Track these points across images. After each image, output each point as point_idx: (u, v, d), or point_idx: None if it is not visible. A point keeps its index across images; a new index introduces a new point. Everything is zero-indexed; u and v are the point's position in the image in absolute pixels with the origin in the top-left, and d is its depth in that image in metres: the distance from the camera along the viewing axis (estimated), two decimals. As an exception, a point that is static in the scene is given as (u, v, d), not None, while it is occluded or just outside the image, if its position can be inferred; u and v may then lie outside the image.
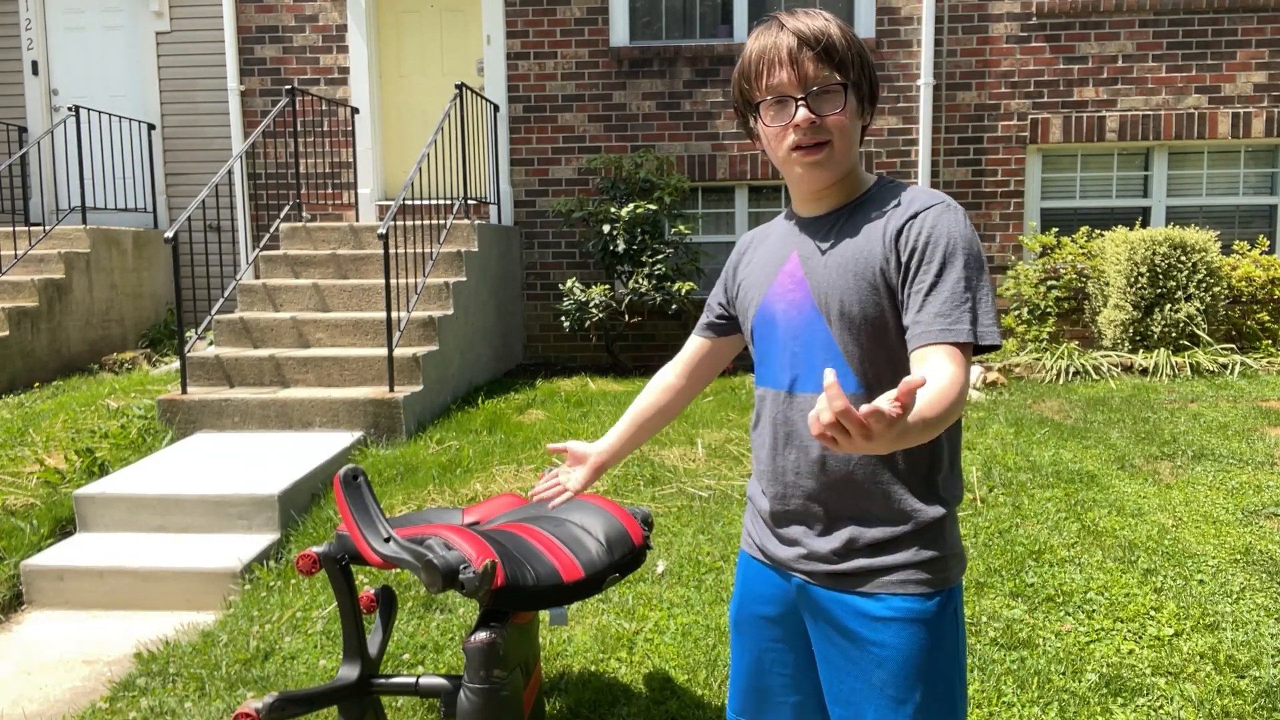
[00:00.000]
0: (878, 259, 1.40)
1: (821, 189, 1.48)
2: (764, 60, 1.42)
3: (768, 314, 1.52)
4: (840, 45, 1.40)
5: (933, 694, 1.42)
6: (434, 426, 5.58)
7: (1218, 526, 3.74)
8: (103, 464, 4.89)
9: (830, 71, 1.40)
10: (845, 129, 1.42)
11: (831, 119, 1.41)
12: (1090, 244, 7.20)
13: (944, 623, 1.43)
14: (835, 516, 1.46)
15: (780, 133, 1.43)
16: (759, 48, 1.43)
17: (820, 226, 1.50)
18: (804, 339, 1.46)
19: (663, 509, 4.19)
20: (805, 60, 1.39)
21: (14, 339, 6.74)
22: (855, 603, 1.44)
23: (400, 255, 6.41)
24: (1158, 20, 7.51)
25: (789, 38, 1.40)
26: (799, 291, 1.48)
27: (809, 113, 1.40)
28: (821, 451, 1.45)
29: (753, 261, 1.60)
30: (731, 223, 8.03)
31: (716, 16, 7.89)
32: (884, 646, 1.42)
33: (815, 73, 1.40)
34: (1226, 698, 2.64)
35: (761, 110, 1.44)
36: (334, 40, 8.04)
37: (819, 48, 1.39)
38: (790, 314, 1.48)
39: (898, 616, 1.41)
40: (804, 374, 1.46)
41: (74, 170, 8.33)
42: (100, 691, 3.17)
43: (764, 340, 1.54)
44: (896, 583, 1.42)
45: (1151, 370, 6.34)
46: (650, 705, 2.73)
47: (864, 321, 1.41)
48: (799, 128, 1.41)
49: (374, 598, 2.54)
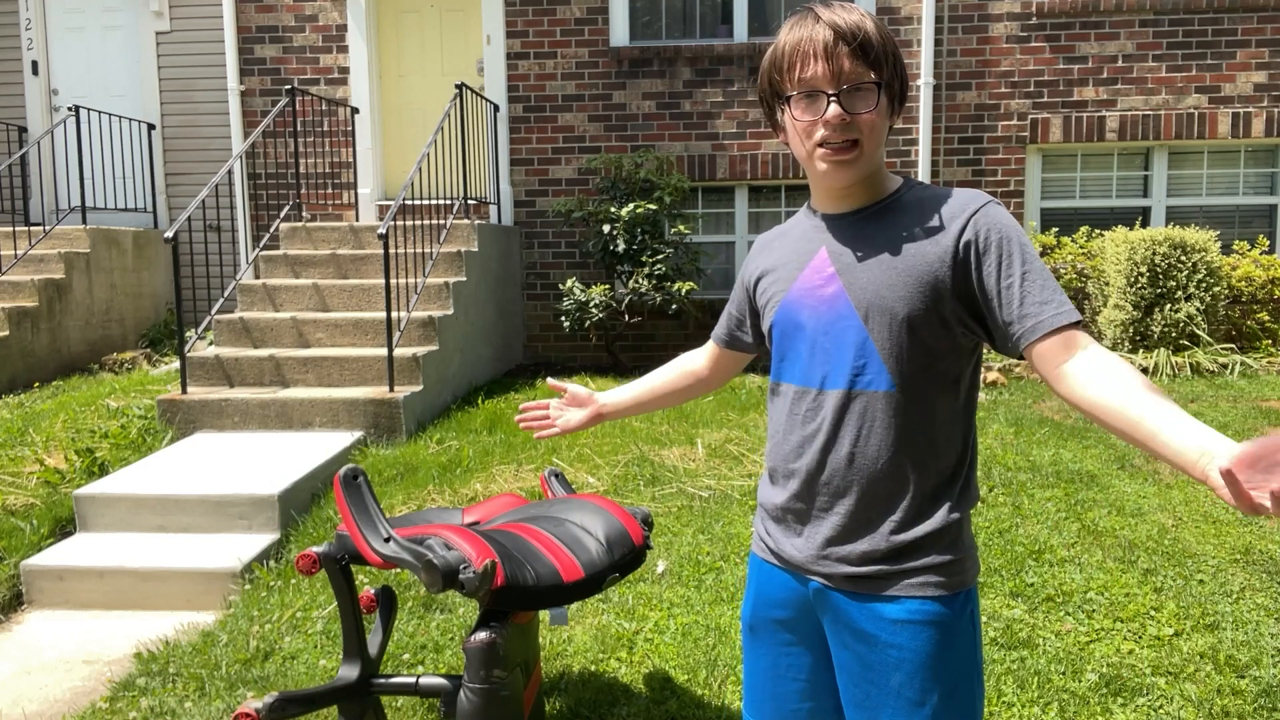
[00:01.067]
0: (935, 260, 1.38)
1: (846, 186, 1.45)
2: (798, 52, 1.39)
3: (793, 310, 1.49)
4: (876, 42, 1.38)
5: (951, 696, 1.41)
6: (434, 426, 5.58)
7: (1218, 526, 3.74)
8: (103, 464, 4.89)
9: (865, 68, 1.37)
10: (875, 128, 1.40)
11: (863, 117, 1.38)
12: (1090, 244, 7.20)
13: (961, 624, 1.42)
14: (858, 518, 1.44)
15: (809, 127, 1.40)
16: (794, 39, 1.40)
17: (849, 224, 1.47)
18: (834, 335, 1.44)
19: (663, 509, 4.19)
20: (841, 55, 1.37)
21: (14, 339, 6.74)
22: (874, 607, 1.43)
23: (400, 255, 6.41)
24: (1158, 20, 7.51)
25: (825, 31, 1.37)
26: (831, 287, 1.45)
27: (840, 109, 1.37)
28: (851, 449, 1.43)
29: (773, 259, 1.57)
30: (731, 223, 8.03)
31: (716, 16, 7.89)
32: (902, 649, 1.41)
33: (850, 69, 1.37)
34: (1226, 698, 2.64)
35: (791, 103, 1.41)
36: (334, 40, 8.04)
37: (855, 43, 1.36)
38: (820, 310, 1.46)
39: (915, 619, 1.40)
40: (834, 370, 1.44)
41: (74, 170, 8.33)
42: (100, 691, 3.17)
43: (788, 337, 1.51)
44: (916, 585, 1.41)
45: (1151, 370, 6.33)
46: (650, 705, 2.73)
47: (907, 320, 1.39)
48: (829, 124, 1.38)
49: (374, 598, 2.54)
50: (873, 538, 1.44)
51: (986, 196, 1.42)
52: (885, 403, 1.41)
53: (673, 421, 5.50)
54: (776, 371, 1.55)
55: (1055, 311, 1.32)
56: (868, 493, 1.43)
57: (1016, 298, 1.35)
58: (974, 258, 1.37)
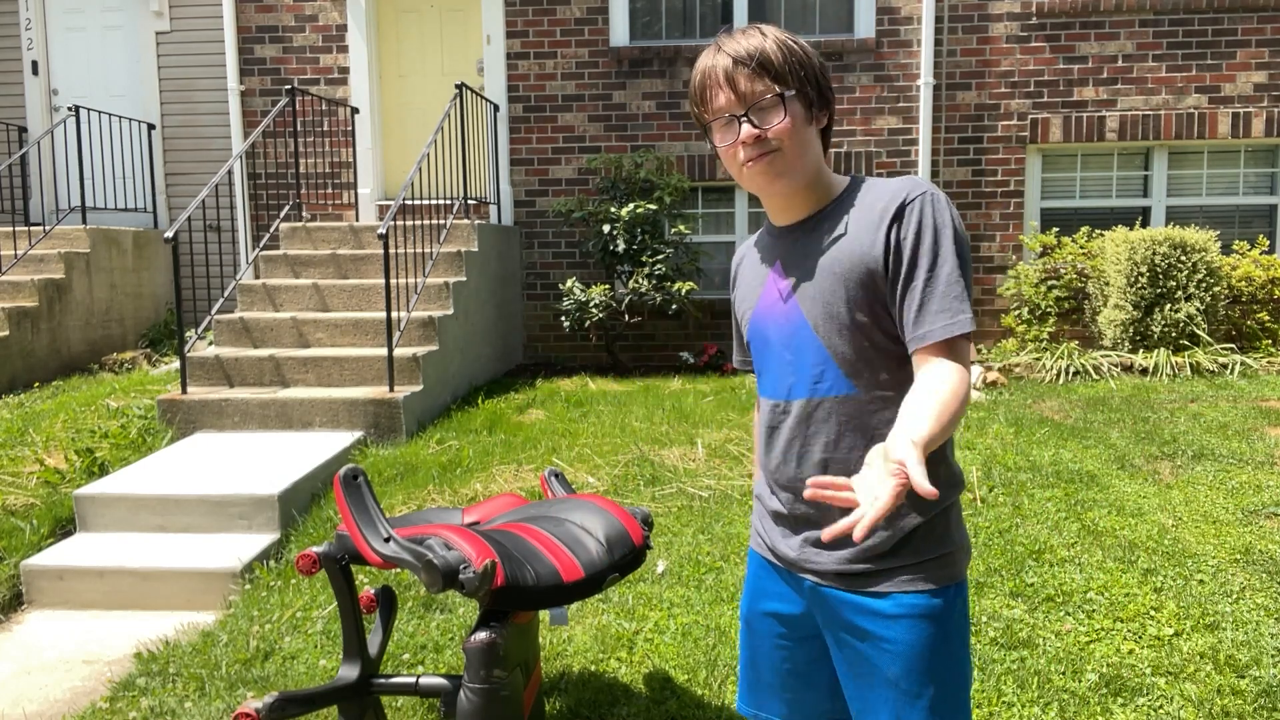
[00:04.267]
0: (867, 255, 1.42)
1: (786, 195, 1.49)
2: (705, 84, 1.46)
3: (760, 326, 1.56)
4: (776, 58, 1.42)
5: (945, 686, 1.45)
6: (434, 426, 5.58)
7: (1218, 526, 3.74)
8: (103, 464, 4.89)
9: (769, 84, 1.42)
10: (792, 135, 1.43)
11: (775, 129, 1.42)
12: (1090, 244, 7.20)
13: (953, 615, 1.46)
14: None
15: (731, 151, 1.46)
16: (700, 72, 1.47)
17: (797, 236, 1.52)
18: (795, 346, 1.49)
19: (663, 509, 4.19)
20: (740, 79, 1.42)
21: (14, 339, 6.74)
22: (865, 602, 1.46)
23: (400, 255, 6.41)
24: (1158, 20, 7.51)
25: (724, 59, 1.43)
26: (786, 301, 1.51)
27: (752, 128, 1.42)
28: (823, 455, 1.47)
29: (744, 275, 1.64)
30: (731, 223, 8.03)
31: (716, 16, 7.88)
32: (896, 643, 1.44)
33: (753, 88, 1.42)
34: (1226, 697, 2.64)
35: (712, 131, 1.48)
36: (334, 40, 8.04)
37: (753, 64, 1.42)
38: (780, 323, 1.51)
39: (908, 613, 1.44)
40: (797, 381, 1.49)
41: (74, 170, 8.33)
42: (100, 691, 3.17)
43: (760, 352, 1.57)
44: (905, 580, 1.44)
45: (1151, 370, 6.34)
46: (650, 705, 2.73)
47: (853, 321, 1.43)
48: (745, 144, 1.43)
49: (374, 598, 2.54)
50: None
51: (923, 186, 1.43)
52: (848, 406, 1.45)
53: (673, 421, 5.50)
54: (759, 385, 1.61)
55: (946, 323, 1.37)
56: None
57: (917, 302, 1.39)
58: (895, 251, 1.41)
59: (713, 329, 7.82)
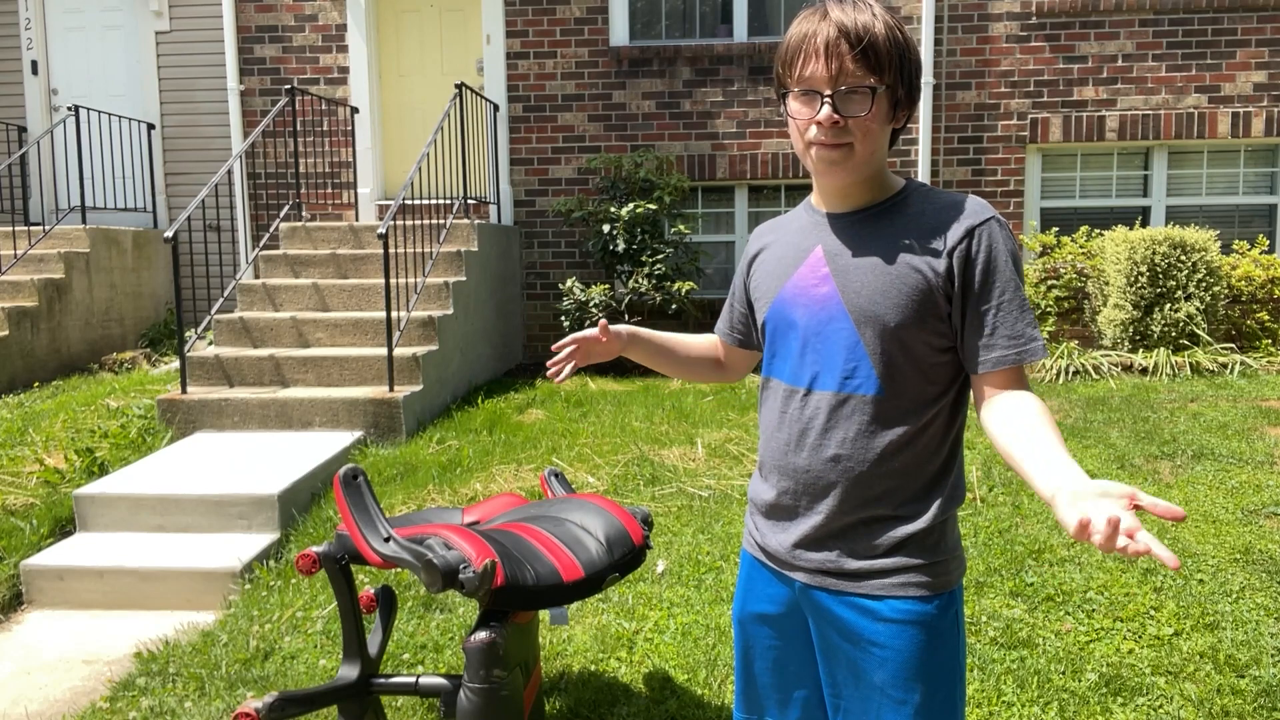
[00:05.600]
0: (929, 272, 1.38)
1: (843, 186, 1.45)
2: (801, 48, 1.37)
3: (785, 307, 1.49)
4: (883, 45, 1.35)
5: (933, 695, 1.42)
6: (434, 426, 5.58)
7: (1218, 526, 3.74)
8: (102, 464, 4.89)
9: (866, 72, 1.34)
10: (870, 132, 1.38)
11: (856, 121, 1.36)
12: (1090, 243, 7.20)
13: (944, 624, 1.43)
14: (842, 518, 1.45)
15: (803, 124, 1.39)
16: (798, 34, 1.38)
17: (847, 224, 1.46)
18: (826, 336, 1.44)
19: (663, 509, 4.19)
20: (842, 55, 1.34)
21: (14, 339, 6.74)
22: (857, 604, 1.44)
23: (400, 255, 6.41)
24: (1157, 20, 7.51)
25: (830, 28, 1.34)
26: (824, 287, 1.45)
27: (832, 111, 1.35)
28: (836, 450, 1.44)
29: (769, 252, 1.57)
30: (731, 222, 8.03)
31: (716, 16, 7.88)
32: (885, 648, 1.42)
33: (850, 70, 1.34)
34: (1226, 697, 2.64)
35: (790, 97, 1.40)
36: (334, 40, 8.04)
37: (859, 46, 1.33)
38: (813, 309, 1.45)
39: (898, 618, 1.41)
40: (824, 371, 1.44)
41: (74, 170, 8.32)
42: (100, 691, 3.17)
43: (781, 333, 1.51)
44: (898, 585, 1.42)
45: (1151, 370, 6.34)
46: (650, 705, 2.73)
47: (898, 328, 1.39)
48: (820, 125, 1.36)
49: (374, 597, 2.54)
50: (856, 537, 1.45)
51: (989, 211, 1.41)
52: (873, 406, 1.41)
53: (673, 421, 5.50)
54: (768, 366, 1.56)
55: (1020, 349, 1.38)
56: (852, 494, 1.44)
57: (989, 325, 1.38)
58: (963, 275, 1.38)
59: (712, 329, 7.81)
